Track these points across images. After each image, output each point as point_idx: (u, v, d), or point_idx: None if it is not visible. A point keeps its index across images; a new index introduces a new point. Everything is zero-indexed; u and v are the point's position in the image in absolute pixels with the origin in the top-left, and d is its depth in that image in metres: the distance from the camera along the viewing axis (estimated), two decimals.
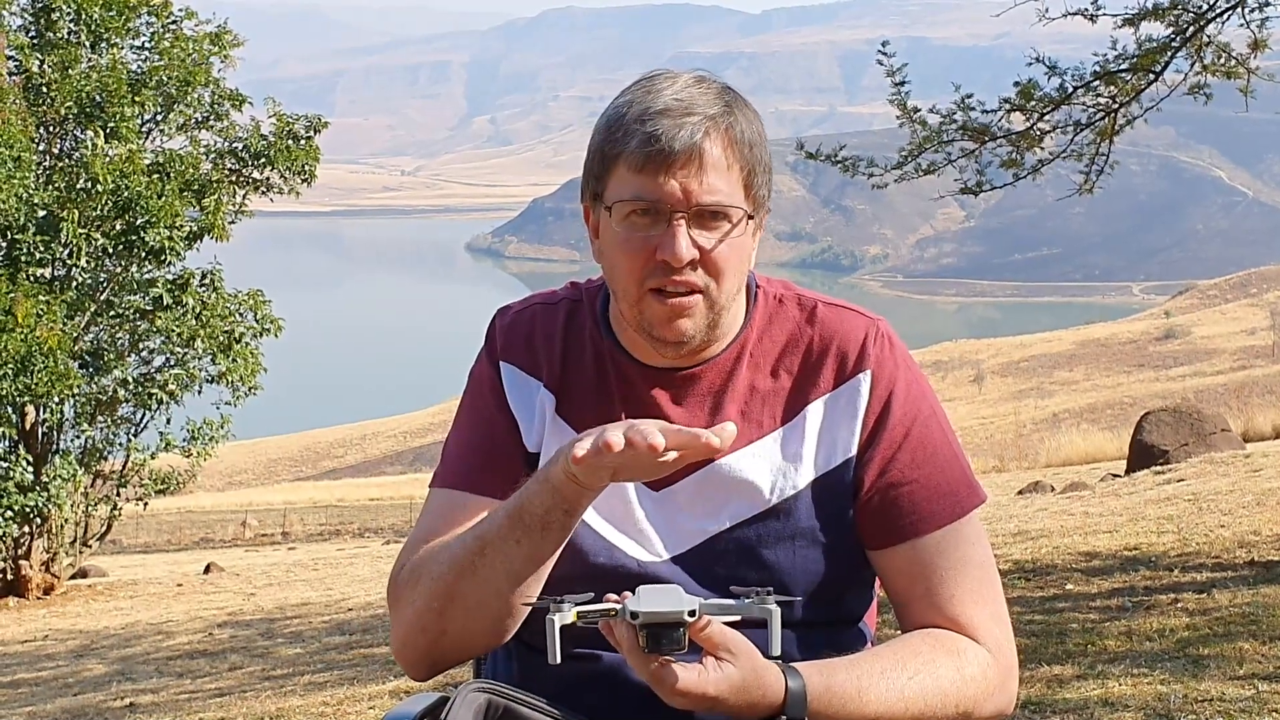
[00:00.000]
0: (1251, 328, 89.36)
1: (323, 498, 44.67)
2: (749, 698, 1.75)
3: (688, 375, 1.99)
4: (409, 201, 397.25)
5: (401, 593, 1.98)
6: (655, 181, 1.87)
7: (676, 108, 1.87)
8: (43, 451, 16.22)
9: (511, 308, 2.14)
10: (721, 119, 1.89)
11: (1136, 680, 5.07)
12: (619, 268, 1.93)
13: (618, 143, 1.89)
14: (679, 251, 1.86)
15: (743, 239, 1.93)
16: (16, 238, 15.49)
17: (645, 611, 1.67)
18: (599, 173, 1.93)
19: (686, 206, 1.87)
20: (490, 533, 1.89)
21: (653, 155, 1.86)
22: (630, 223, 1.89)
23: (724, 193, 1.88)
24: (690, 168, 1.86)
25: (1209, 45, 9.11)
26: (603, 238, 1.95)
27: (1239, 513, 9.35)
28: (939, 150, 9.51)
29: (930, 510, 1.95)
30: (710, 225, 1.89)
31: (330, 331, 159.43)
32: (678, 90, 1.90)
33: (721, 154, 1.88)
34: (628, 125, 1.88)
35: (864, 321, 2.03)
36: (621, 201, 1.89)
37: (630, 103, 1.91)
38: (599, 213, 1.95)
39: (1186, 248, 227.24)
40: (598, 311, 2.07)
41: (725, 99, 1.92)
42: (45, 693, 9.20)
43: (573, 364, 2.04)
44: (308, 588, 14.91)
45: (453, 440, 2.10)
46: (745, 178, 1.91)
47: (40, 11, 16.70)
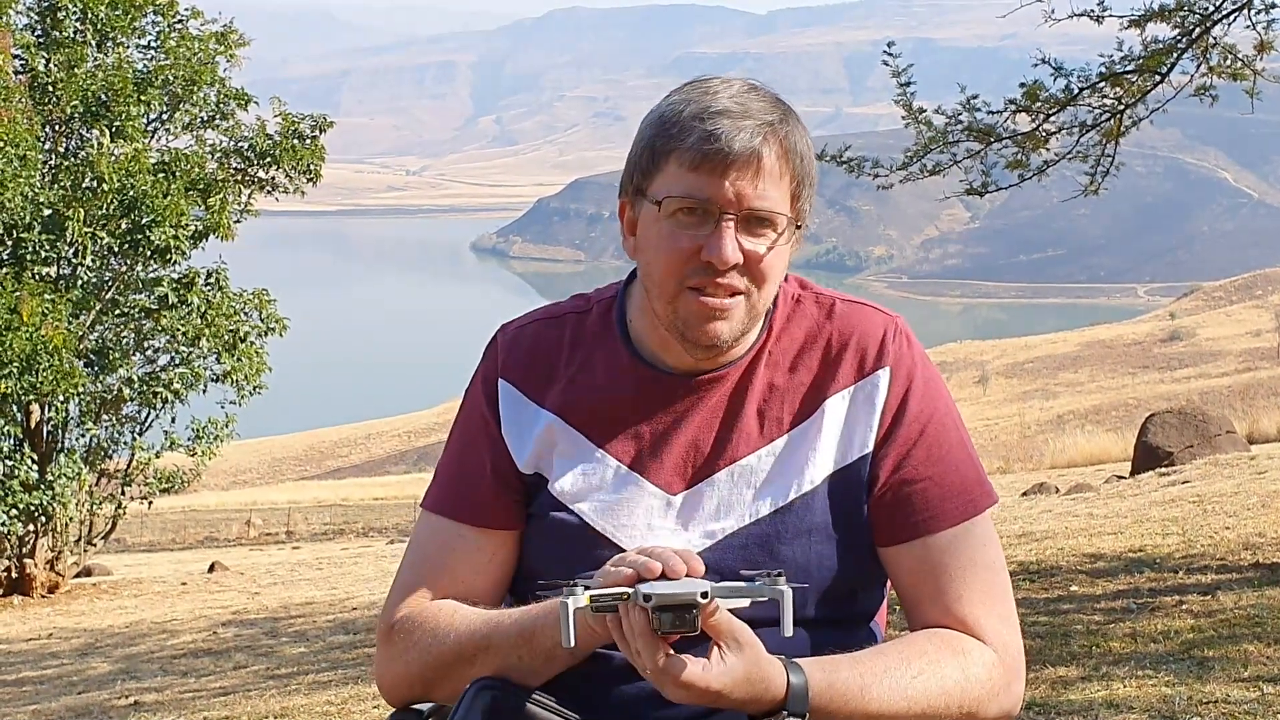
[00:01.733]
0: (1257, 330, 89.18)
1: (327, 497, 44.71)
2: (752, 691, 1.75)
3: (711, 379, 1.98)
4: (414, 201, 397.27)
5: (394, 640, 2.01)
6: (710, 180, 1.86)
7: (736, 110, 1.87)
8: (48, 450, 16.24)
9: (514, 324, 2.12)
10: (780, 127, 1.89)
11: (1141, 682, 5.07)
12: (659, 263, 1.91)
13: (673, 138, 1.88)
14: (726, 254, 1.85)
15: (783, 250, 1.92)
16: (22, 236, 15.51)
17: (658, 593, 1.68)
18: (647, 168, 1.91)
19: (737, 209, 1.86)
20: (497, 639, 1.92)
21: (710, 154, 1.85)
22: (677, 220, 1.88)
23: (775, 199, 1.88)
24: (747, 171, 1.86)
25: (1215, 47, 9.10)
26: (643, 233, 1.94)
27: (1244, 515, 9.34)
28: (944, 151, 9.50)
29: (943, 509, 1.95)
30: (757, 231, 1.88)
31: (335, 331, 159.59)
32: (734, 94, 1.89)
33: (776, 161, 1.88)
34: (685, 122, 1.87)
35: (882, 318, 2.02)
36: (672, 197, 1.88)
37: (686, 101, 1.90)
38: (640, 208, 1.93)
39: (1192, 249, 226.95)
40: (614, 320, 2.06)
41: (781, 108, 1.92)
42: (50, 691, 9.21)
43: (584, 376, 2.03)
44: (312, 587, 14.92)
45: (443, 463, 2.10)
46: (794, 189, 1.91)
47: (46, 10, 16.73)
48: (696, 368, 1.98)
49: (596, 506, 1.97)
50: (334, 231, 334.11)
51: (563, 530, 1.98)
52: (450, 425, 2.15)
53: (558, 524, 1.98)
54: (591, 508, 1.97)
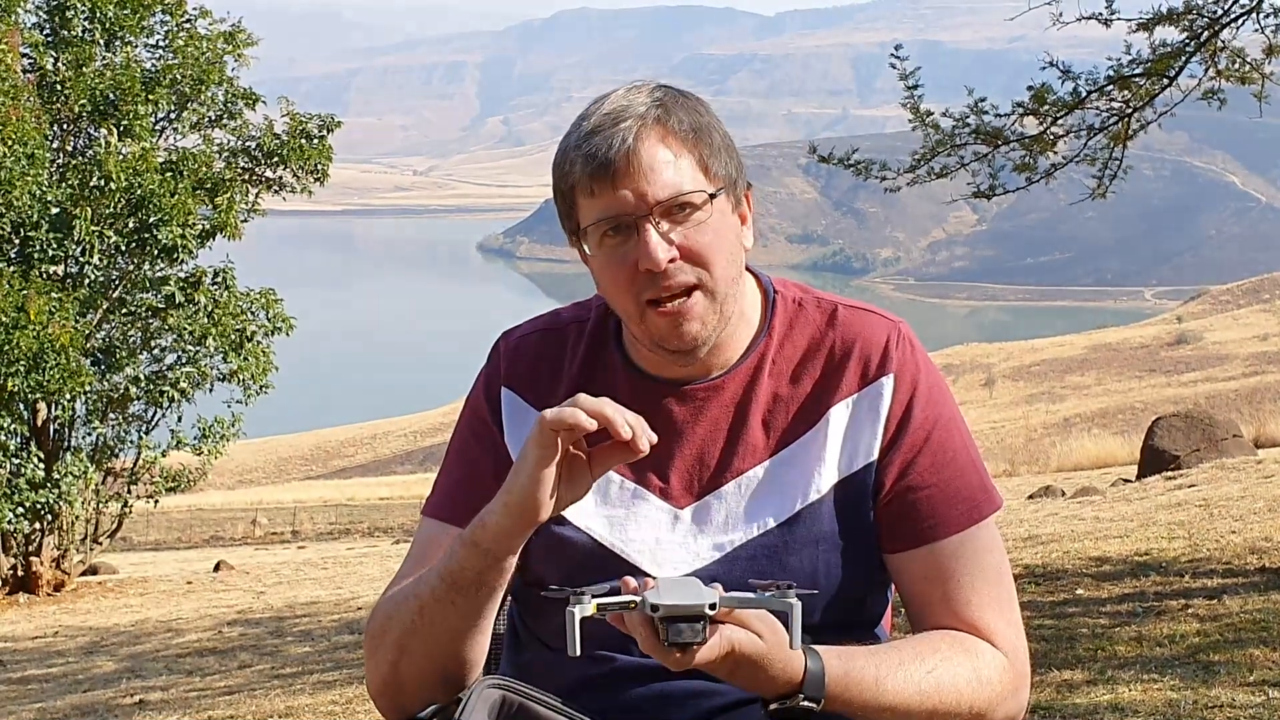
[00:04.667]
0: (1264, 333, 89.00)
1: (333, 496, 44.69)
2: (770, 671, 1.75)
3: (709, 387, 1.98)
4: (421, 201, 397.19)
5: (368, 641, 2.01)
6: (607, 197, 1.87)
7: (605, 122, 1.88)
8: (54, 448, 16.25)
9: (516, 331, 2.13)
10: (650, 115, 1.89)
11: (1147, 686, 5.06)
12: (612, 291, 1.93)
13: (567, 174, 1.90)
14: (653, 254, 1.86)
15: (721, 222, 1.92)
16: (30, 235, 15.52)
17: (666, 604, 1.67)
18: (566, 210, 1.94)
19: (647, 209, 1.86)
20: (426, 596, 1.91)
21: (596, 173, 1.86)
22: (605, 245, 1.90)
23: (677, 182, 1.88)
24: (633, 172, 1.86)
25: (1223, 50, 9.10)
26: (592, 268, 1.96)
27: (1250, 519, 9.32)
28: (952, 154, 9.50)
29: (948, 515, 1.95)
30: (679, 218, 1.88)
31: (342, 330, 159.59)
32: (607, 105, 1.91)
33: (660, 147, 1.88)
34: (570, 155, 1.90)
35: (886, 324, 2.02)
36: (590, 227, 1.89)
37: (569, 134, 1.92)
38: (581, 246, 1.95)
39: (1199, 253, 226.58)
40: (610, 330, 2.07)
41: (657, 96, 1.92)
42: (55, 689, 9.22)
43: (583, 385, 2.02)
44: (317, 586, 14.93)
45: (443, 469, 2.11)
46: (700, 161, 1.90)
47: (55, 9, 16.73)
48: (693, 375, 1.97)
49: (603, 522, 1.98)
50: (341, 231, 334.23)
51: (570, 545, 1.98)
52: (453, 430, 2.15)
53: (564, 539, 1.98)
54: (598, 523, 1.98)
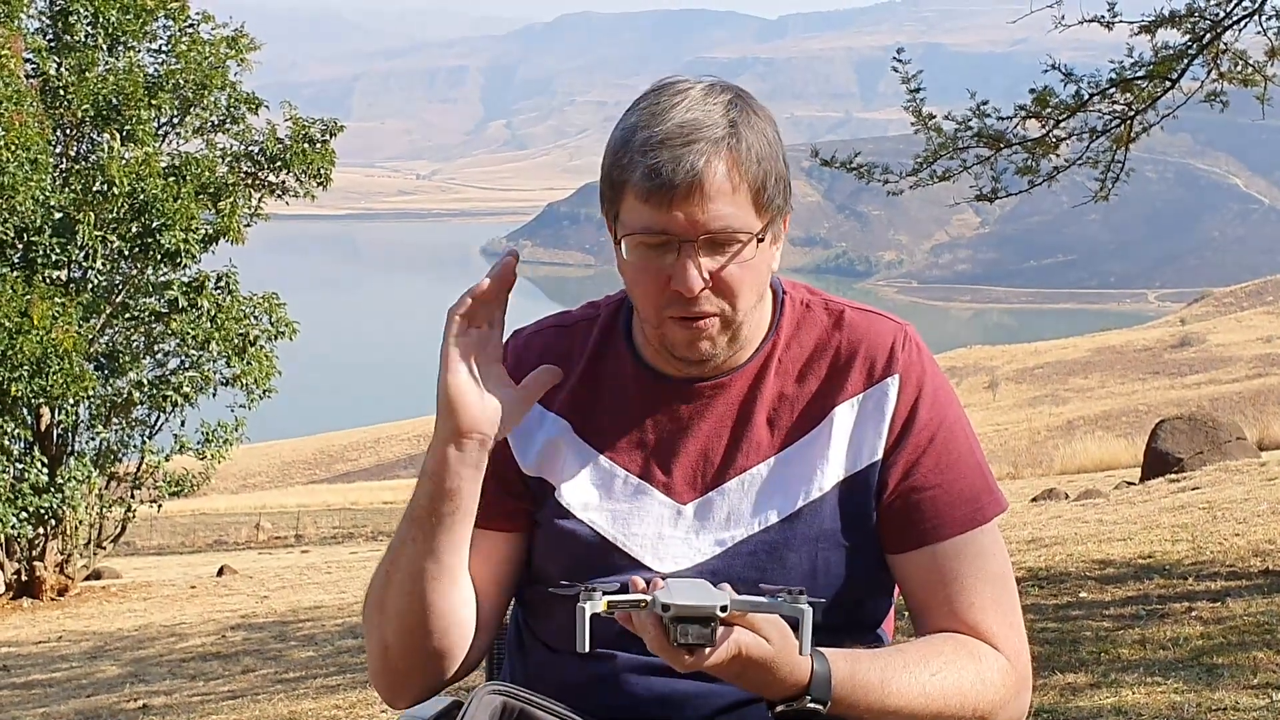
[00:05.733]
0: (1267, 335, 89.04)
1: (336, 500, 44.76)
2: (777, 674, 1.75)
3: (716, 385, 1.99)
4: (424, 205, 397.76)
5: (364, 624, 2.05)
6: (660, 213, 1.85)
7: (677, 136, 1.84)
8: (57, 453, 16.27)
9: (526, 330, 2.14)
10: (724, 141, 1.86)
11: (1150, 689, 5.06)
12: (636, 294, 1.93)
13: (624, 170, 1.88)
14: (690, 283, 1.85)
15: (758, 259, 1.91)
16: (33, 240, 15.55)
17: (677, 604, 1.66)
18: (611, 196, 1.92)
19: (694, 235, 1.85)
20: (394, 543, 1.96)
21: (654, 189, 1.84)
22: (642, 252, 1.89)
23: (730, 215, 1.86)
24: (693, 197, 1.84)
25: (1226, 53, 9.09)
26: (620, 259, 1.94)
27: (1254, 521, 9.30)
28: (954, 157, 9.49)
29: (952, 516, 1.95)
30: (720, 251, 1.87)
31: (345, 334, 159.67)
32: (682, 112, 1.87)
33: (725, 177, 1.85)
34: (632, 154, 1.86)
35: (892, 326, 2.03)
36: (631, 234, 1.88)
37: (636, 126, 1.88)
38: (616, 231, 1.94)
39: (1202, 255, 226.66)
40: (620, 327, 2.07)
41: (731, 115, 1.88)
42: (59, 694, 9.23)
43: (593, 384, 2.04)
44: (321, 590, 14.94)
45: None
46: (754, 195, 1.88)
47: (58, 14, 16.77)
48: (701, 374, 1.99)
49: (607, 516, 1.98)
50: (344, 235, 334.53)
51: (574, 540, 1.98)
52: None
53: (568, 533, 1.98)
54: (602, 517, 1.98)
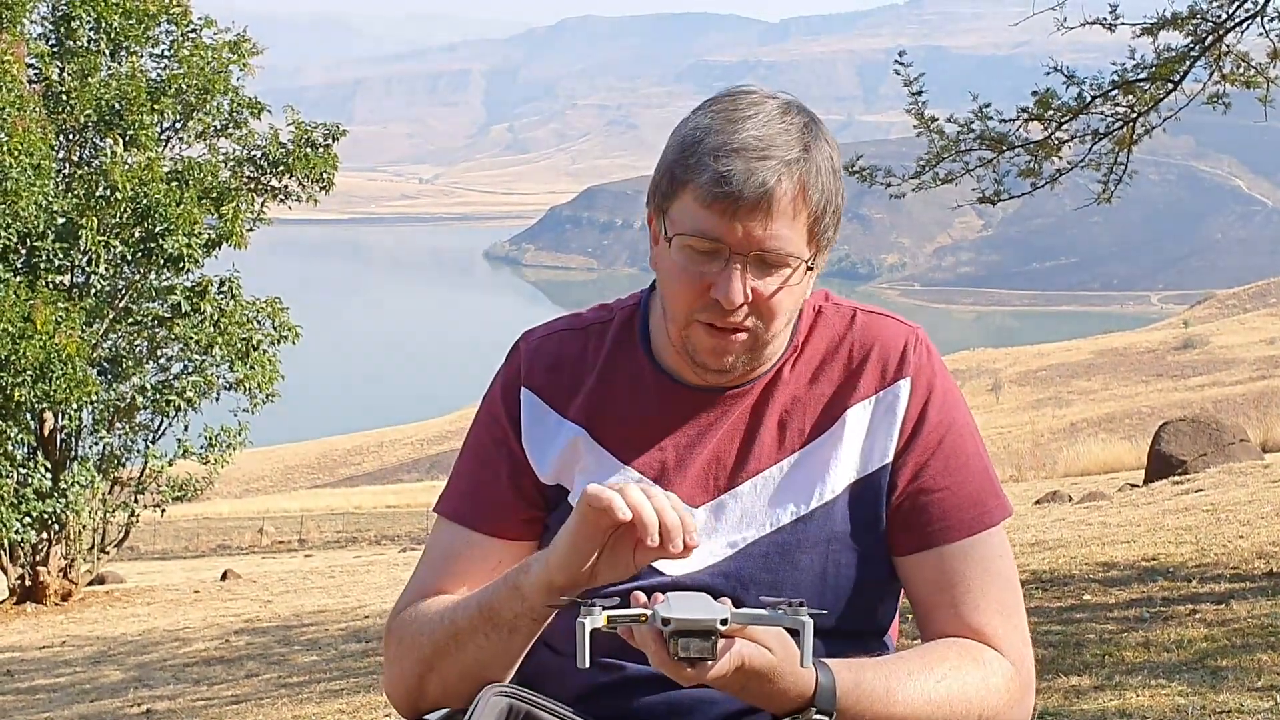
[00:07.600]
0: (1271, 337, 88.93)
1: (340, 505, 44.78)
2: (780, 685, 1.74)
3: (733, 394, 1.99)
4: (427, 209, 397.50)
5: (392, 642, 2.02)
6: (720, 222, 1.84)
7: (753, 147, 1.83)
8: (61, 458, 16.28)
9: (537, 331, 2.12)
10: (797, 165, 1.85)
11: (1154, 691, 5.05)
12: (671, 293, 1.92)
13: (690, 169, 1.86)
14: (733, 296, 1.85)
15: (800, 285, 1.91)
16: (36, 245, 15.56)
17: (676, 618, 1.65)
18: (667, 191, 1.90)
19: (747, 251, 1.85)
20: (462, 623, 1.92)
21: (721, 196, 1.83)
22: (688, 254, 1.88)
23: (786, 239, 1.86)
24: (757, 214, 1.83)
25: (1228, 54, 9.10)
26: (660, 254, 1.93)
27: (1258, 523, 9.29)
28: (957, 159, 9.50)
29: (958, 518, 1.96)
30: (768, 271, 1.87)
31: (348, 339, 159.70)
32: (759, 124, 1.86)
33: (791, 202, 1.85)
34: (702, 155, 1.85)
35: (903, 329, 2.03)
36: (682, 234, 1.87)
37: (709, 129, 1.87)
38: (662, 226, 1.92)
39: (1205, 257, 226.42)
40: (637, 331, 2.06)
41: (805, 139, 1.88)
42: (62, 699, 9.24)
43: (607, 388, 2.03)
44: (324, 595, 14.94)
45: (458, 468, 2.10)
46: (812, 223, 1.88)
47: (60, 20, 16.78)
48: (720, 383, 1.98)
49: None
50: (347, 239, 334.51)
51: None
52: (465, 429, 2.14)
53: None
54: None
